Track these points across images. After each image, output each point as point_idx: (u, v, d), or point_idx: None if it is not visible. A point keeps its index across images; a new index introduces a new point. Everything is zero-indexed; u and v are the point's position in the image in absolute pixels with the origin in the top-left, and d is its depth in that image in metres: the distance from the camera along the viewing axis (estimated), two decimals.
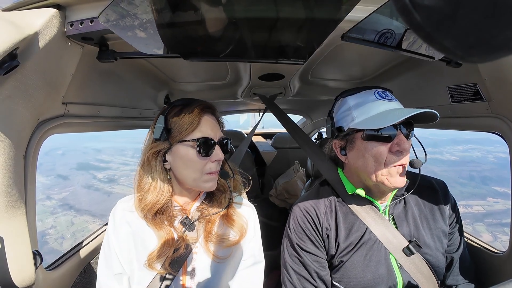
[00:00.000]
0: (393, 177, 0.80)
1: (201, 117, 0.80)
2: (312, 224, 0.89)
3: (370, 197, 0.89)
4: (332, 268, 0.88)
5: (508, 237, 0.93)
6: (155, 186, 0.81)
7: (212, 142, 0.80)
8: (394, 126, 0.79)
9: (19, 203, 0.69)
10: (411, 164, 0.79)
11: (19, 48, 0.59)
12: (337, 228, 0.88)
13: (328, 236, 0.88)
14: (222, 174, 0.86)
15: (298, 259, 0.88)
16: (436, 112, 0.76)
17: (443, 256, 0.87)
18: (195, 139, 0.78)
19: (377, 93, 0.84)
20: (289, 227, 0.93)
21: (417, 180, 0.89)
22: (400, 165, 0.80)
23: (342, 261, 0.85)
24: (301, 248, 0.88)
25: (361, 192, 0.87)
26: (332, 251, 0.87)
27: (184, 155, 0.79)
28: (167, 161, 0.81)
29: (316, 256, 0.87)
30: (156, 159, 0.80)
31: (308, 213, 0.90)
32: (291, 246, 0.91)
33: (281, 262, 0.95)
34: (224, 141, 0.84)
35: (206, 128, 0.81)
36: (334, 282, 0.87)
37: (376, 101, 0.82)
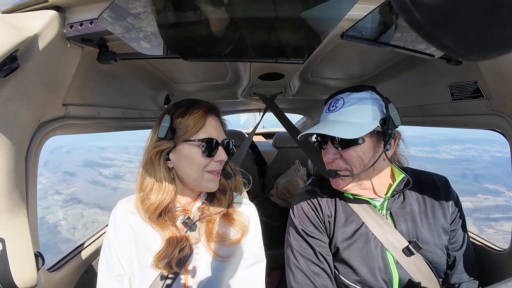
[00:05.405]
0: (332, 179, 0.90)
1: (206, 118, 0.82)
2: (314, 210, 0.93)
3: (362, 197, 0.90)
4: (332, 256, 0.90)
5: (510, 235, 0.93)
6: (159, 185, 0.81)
7: (216, 143, 0.82)
8: (321, 137, 0.91)
9: (21, 204, 0.69)
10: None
11: (19, 50, 0.59)
12: (336, 215, 0.91)
13: (329, 222, 0.91)
14: (225, 174, 0.88)
15: (305, 243, 0.91)
16: (343, 137, 0.79)
17: (443, 253, 0.87)
18: (200, 139, 0.80)
19: (329, 104, 0.92)
20: (293, 214, 0.96)
21: (418, 176, 0.92)
22: (331, 166, 0.89)
23: (339, 249, 0.87)
24: (306, 233, 0.91)
25: (348, 194, 0.92)
26: (332, 236, 0.90)
27: (188, 154, 0.80)
28: (170, 160, 0.82)
29: (320, 240, 0.90)
30: (160, 158, 0.81)
31: (311, 200, 0.94)
32: (296, 231, 0.93)
33: (285, 250, 0.96)
34: (227, 143, 0.87)
35: (211, 129, 0.83)
36: (334, 271, 0.89)
37: (323, 113, 0.94)
